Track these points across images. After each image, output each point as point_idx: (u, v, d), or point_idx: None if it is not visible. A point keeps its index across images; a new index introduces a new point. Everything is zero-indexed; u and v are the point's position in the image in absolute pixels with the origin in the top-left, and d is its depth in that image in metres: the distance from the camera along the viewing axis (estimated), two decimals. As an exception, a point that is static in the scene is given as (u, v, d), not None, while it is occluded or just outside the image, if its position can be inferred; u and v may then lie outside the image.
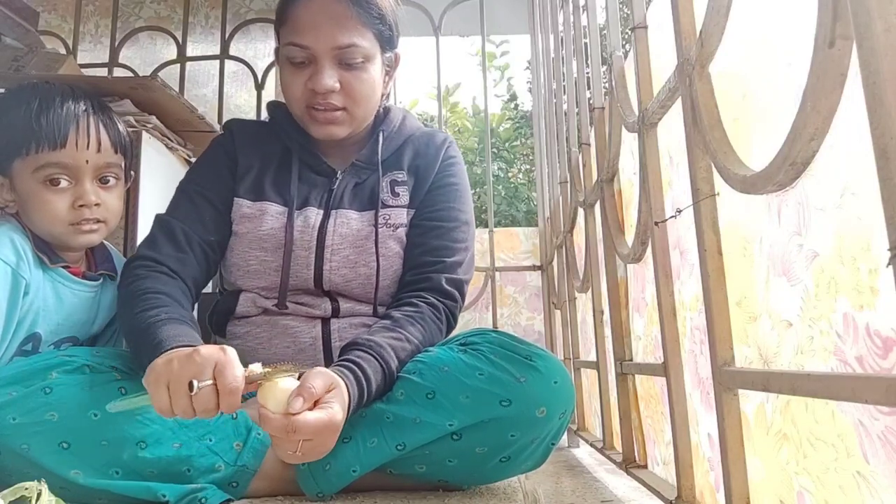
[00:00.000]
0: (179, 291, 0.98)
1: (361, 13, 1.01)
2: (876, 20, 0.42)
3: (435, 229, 1.08)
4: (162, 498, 0.85)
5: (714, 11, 0.74)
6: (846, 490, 0.68)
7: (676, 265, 1.13)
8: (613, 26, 1.30)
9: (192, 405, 0.74)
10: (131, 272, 0.99)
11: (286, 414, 0.74)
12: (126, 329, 0.92)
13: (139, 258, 1.01)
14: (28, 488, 0.69)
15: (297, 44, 1.00)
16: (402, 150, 1.14)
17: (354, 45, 1.00)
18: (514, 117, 6.98)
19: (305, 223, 1.06)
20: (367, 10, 1.01)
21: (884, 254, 0.54)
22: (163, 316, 0.88)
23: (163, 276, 0.98)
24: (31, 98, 1.00)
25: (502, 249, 2.74)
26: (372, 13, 1.02)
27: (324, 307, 1.06)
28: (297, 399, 0.75)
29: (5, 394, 0.85)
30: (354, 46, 1.00)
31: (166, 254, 1.01)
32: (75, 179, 1.00)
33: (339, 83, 1.02)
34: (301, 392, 0.75)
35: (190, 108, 1.50)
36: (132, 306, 0.92)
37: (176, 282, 0.99)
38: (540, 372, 0.89)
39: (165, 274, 0.99)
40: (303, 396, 0.75)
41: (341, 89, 1.02)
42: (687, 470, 0.93)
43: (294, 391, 0.76)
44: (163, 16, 2.73)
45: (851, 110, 0.51)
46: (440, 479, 0.95)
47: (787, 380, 0.61)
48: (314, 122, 1.05)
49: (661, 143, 1.07)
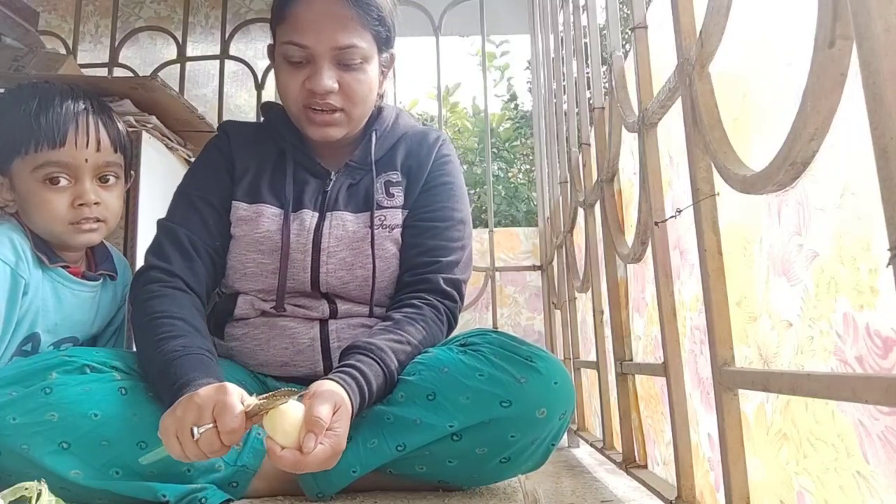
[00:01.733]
0: (195, 310, 0.97)
1: (362, 14, 1.00)
2: (876, 20, 0.42)
3: (430, 229, 1.08)
4: (162, 498, 0.85)
5: (714, 11, 0.74)
6: (846, 490, 0.68)
7: (676, 265, 1.13)
8: (613, 26, 1.30)
9: (199, 448, 0.75)
10: (144, 286, 0.98)
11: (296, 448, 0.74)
12: (144, 359, 0.92)
13: (151, 269, 1.00)
14: (28, 488, 0.69)
15: (297, 43, 1.00)
16: (395, 149, 1.14)
17: (354, 46, 1.00)
18: (514, 117, 6.98)
19: (301, 226, 1.05)
20: (367, 12, 1.01)
21: (884, 254, 0.54)
22: (181, 352, 0.87)
23: (177, 292, 0.97)
24: (30, 97, 1.00)
25: (502, 249, 2.74)
26: (371, 14, 1.02)
27: (321, 309, 1.06)
28: (310, 438, 0.74)
29: (5, 394, 0.85)
30: (354, 47, 1.00)
31: (177, 264, 1.00)
32: (75, 178, 1.00)
33: (338, 84, 1.01)
34: (311, 428, 0.74)
35: (190, 108, 1.50)
36: (149, 333, 0.91)
37: (189, 297, 0.99)
38: (540, 373, 0.89)
39: (179, 290, 0.98)
40: (314, 433, 0.74)
41: (340, 90, 1.02)
42: (687, 470, 0.93)
43: (303, 426, 0.75)
44: (163, 16, 2.73)
45: (851, 110, 0.51)
46: (440, 480, 0.95)
47: (787, 380, 0.61)
48: (311, 124, 1.04)
49: (661, 143, 1.07)
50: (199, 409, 0.75)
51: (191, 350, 0.88)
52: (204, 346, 0.91)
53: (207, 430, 0.74)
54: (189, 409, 0.76)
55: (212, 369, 0.86)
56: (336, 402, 0.79)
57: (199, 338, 0.92)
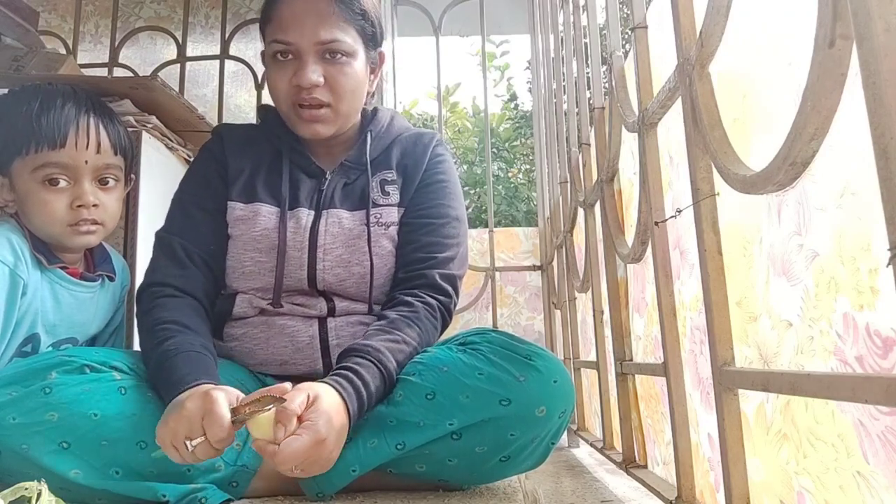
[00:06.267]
0: (188, 309, 0.99)
1: (343, 9, 1.03)
2: (876, 20, 0.42)
3: (426, 226, 1.09)
4: (162, 498, 0.85)
5: (714, 11, 0.74)
6: (846, 490, 0.68)
7: (676, 265, 1.13)
8: (613, 26, 1.30)
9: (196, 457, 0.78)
10: (140, 304, 1.01)
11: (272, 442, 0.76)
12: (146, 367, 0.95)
13: (146, 286, 1.03)
14: (28, 488, 0.69)
15: (281, 40, 1.02)
16: (390, 149, 1.15)
17: (337, 40, 1.02)
18: (514, 117, 6.98)
19: (297, 224, 1.06)
20: (349, 7, 1.04)
21: (884, 254, 0.54)
22: (171, 352, 0.90)
23: (168, 299, 1.00)
24: (32, 98, 1.00)
25: (502, 249, 2.74)
26: (354, 9, 1.04)
27: (319, 307, 1.06)
28: (279, 428, 0.77)
29: (5, 394, 0.85)
30: (337, 41, 1.02)
31: (167, 274, 1.03)
32: (74, 180, 1.00)
33: (324, 77, 1.03)
34: (280, 419, 0.77)
35: (190, 108, 1.50)
36: (147, 341, 0.96)
37: (182, 300, 1.00)
38: (539, 371, 0.89)
39: (170, 296, 1.00)
40: (282, 423, 0.77)
41: (325, 84, 1.03)
42: (687, 470, 0.93)
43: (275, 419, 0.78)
44: (163, 16, 2.73)
45: (851, 110, 0.52)
46: (440, 479, 0.95)
47: (787, 380, 0.61)
48: (300, 121, 1.06)
49: (661, 143, 1.07)
50: (189, 422, 0.78)
51: (181, 349, 0.90)
52: (196, 342, 0.93)
53: (200, 442, 0.77)
54: (180, 422, 0.78)
55: (201, 364, 0.88)
56: (311, 394, 0.80)
57: (191, 335, 0.94)
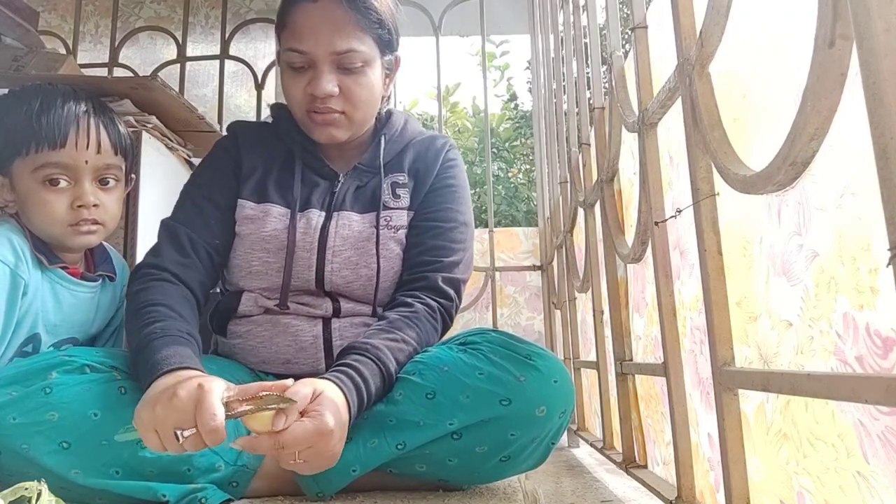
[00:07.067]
0: (181, 298, 0.98)
1: (360, 18, 1.01)
2: (876, 20, 0.42)
3: (433, 230, 1.09)
4: (162, 498, 0.85)
5: (714, 11, 0.74)
6: (846, 490, 0.68)
7: (676, 265, 1.13)
8: (613, 26, 1.30)
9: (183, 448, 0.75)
10: (135, 282, 0.99)
11: (272, 433, 0.75)
12: (130, 345, 0.93)
13: (144, 266, 1.01)
14: (28, 488, 0.69)
15: (297, 49, 1.01)
16: (403, 153, 1.15)
17: (353, 51, 1.01)
18: (514, 117, 6.99)
19: (308, 225, 1.06)
20: (366, 16, 1.02)
21: (884, 254, 0.54)
22: (158, 333, 0.88)
23: (164, 283, 0.98)
24: (32, 98, 1.00)
25: (502, 249, 2.74)
26: (371, 18, 1.02)
27: (325, 307, 1.06)
28: (280, 418, 0.75)
29: (5, 394, 0.85)
30: (353, 51, 1.01)
31: (170, 260, 1.01)
32: (74, 180, 1.00)
33: (339, 88, 1.02)
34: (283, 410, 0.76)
35: (190, 108, 1.50)
36: (134, 322, 0.93)
37: (178, 288, 0.99)
38: (540, 371, 0.89)
39: (167, 281, 0.99)
40: (284, 413, 0.75)
41: (340, 94, 1.03)
42: (687, 470, 0.93)
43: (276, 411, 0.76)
44: (163, 16, 2.73)
45: (851, 110, 0.52)
46: (440, 479, 0.95)
47: (787, 380, 0.61)
48: (314, 126, 1.06)
49: (661, 143, 1.07)
50: (180, 412, 0.75)
51: (168, 332, 0.88)
52: (183, 328, 0.91)
53: (191, 433, 0.74)
54: (170, 410, 0.75)
55: (186, 352, 0.86)
56: (317, 388, 0.80)
57: (179, 321, 0.92)
